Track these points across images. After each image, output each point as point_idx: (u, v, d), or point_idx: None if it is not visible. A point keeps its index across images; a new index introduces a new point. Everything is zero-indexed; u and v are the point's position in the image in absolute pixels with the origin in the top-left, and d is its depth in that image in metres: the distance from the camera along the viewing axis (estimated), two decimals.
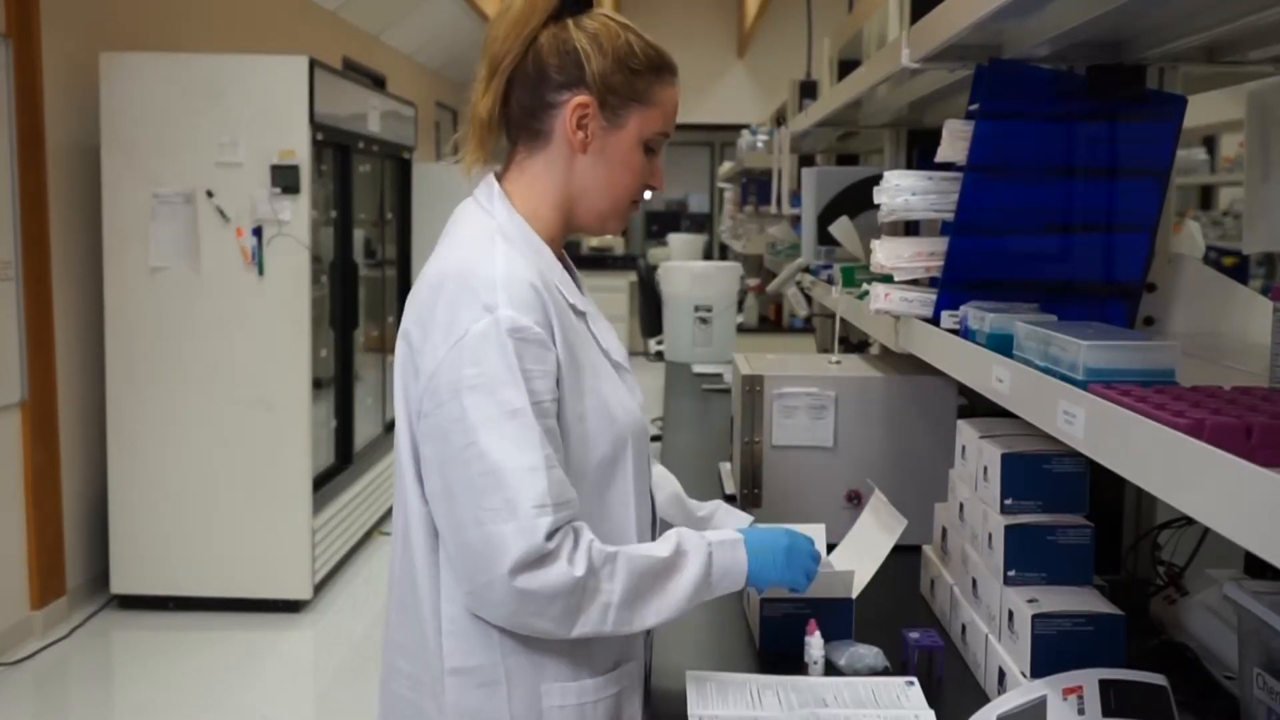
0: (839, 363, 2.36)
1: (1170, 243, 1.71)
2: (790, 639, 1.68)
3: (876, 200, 1.73)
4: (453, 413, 1.35)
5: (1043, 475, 1.57)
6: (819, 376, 2.24)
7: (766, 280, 5.31)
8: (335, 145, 5.11)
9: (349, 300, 5.42)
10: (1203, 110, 1.88)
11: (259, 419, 4.64)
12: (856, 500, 2.19)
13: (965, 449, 1.74)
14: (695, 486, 1.88)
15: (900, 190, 1.67)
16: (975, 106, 1.58)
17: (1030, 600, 1.48)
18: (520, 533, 1.31)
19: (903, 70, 1.79)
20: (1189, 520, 1.51)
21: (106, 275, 4.59)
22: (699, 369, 4.46)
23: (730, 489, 2.46)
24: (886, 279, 1.78)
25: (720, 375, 4.24)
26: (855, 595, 1.72)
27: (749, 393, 2.23)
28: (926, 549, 1.97)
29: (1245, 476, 0.80)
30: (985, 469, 1.63)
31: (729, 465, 2.63)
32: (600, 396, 1.44)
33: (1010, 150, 1.58)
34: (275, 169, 4.53)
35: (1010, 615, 1.52)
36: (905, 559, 1.91)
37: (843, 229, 2.74)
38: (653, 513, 1.60)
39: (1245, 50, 1.63)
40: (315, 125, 4.61)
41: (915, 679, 1.59)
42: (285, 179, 4.53)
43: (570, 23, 1.45)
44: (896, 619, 1.79)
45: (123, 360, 4.61)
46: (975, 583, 1.67)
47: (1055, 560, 1.54)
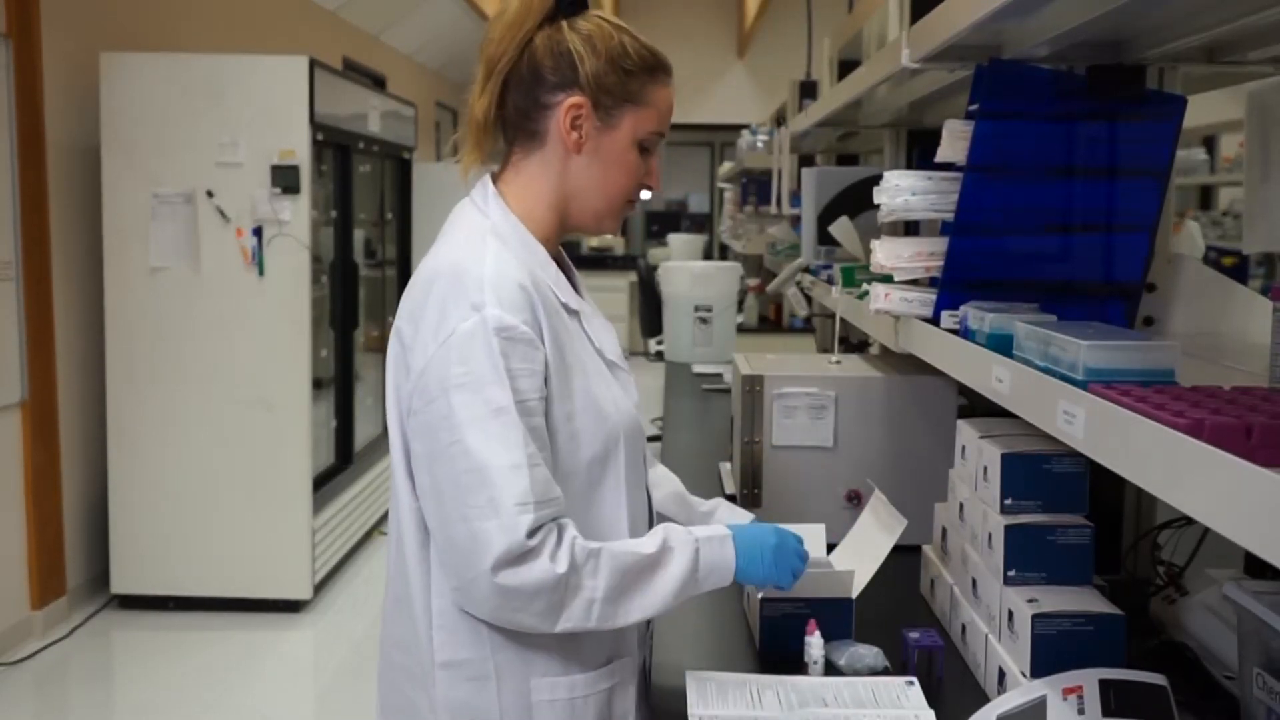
0: (839, 363, 2.36)
1: (1170, 243, 1.71)
2: (790, 639, 1.68)
3: (876, 200, 1.74)
4: (440, 410, 1.37)
5: (1043, 475, 1.57)
6: (819, 376, 2.24)
7: (766, 280, 5.31)
8: (335, 145, 5.11)
9: (349, 300, 5.42)
10: (1203, 110, 1.88)
11: (259, 419, 4.64)
12: (856, 500, 2.19)
13: (965, 449, 1.74)
14: (695, 486, 1.88)
15: (900, 190, 1.67)
16: (975, 106, 1.58)
17: (1030, 600, 1.49)
18: (502, 530, 1.33)
19: (903, 70, 1.79)
20: (1189, 520, 1.51)
21: (107, 275, 4.59)
22: (699, 369, 4.46)
23: (730, 489, 2.46)
24: (886, 279, 1.78)
25: (720, 375, 4.24)
26: (855, 595, 1.72)
27: (749, 393, 2.23)
28: (926, 549, 1.97)
29: (1245, 476, 0.80)
30: (985, 469, 1.63)
31: (729, 465, 2.63)
32: (592, 395, 1.45)
33: (1010, 150, 1.59)
34: (275, 169, 4.53)
35: (1010, 615, 1.52)
36: (905, 559, 1.91)
37: (843, 229, 2.74)
38: (649, 511, 1.60)
39: (1245, 50, 1.63)
40: (315, 125, 4.61)
41: (915, 679, 1.59)
42: (285, 179, 4.53)
43: (565, 25, 1.47)
44: (896, 619, 1.79)
45: (123, 360, 4.61)
46: (975, 583, 1.67)
47: (1055, 560, 1.54)
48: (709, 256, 11.28)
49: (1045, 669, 1.41)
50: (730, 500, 2.36)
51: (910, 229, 2.13)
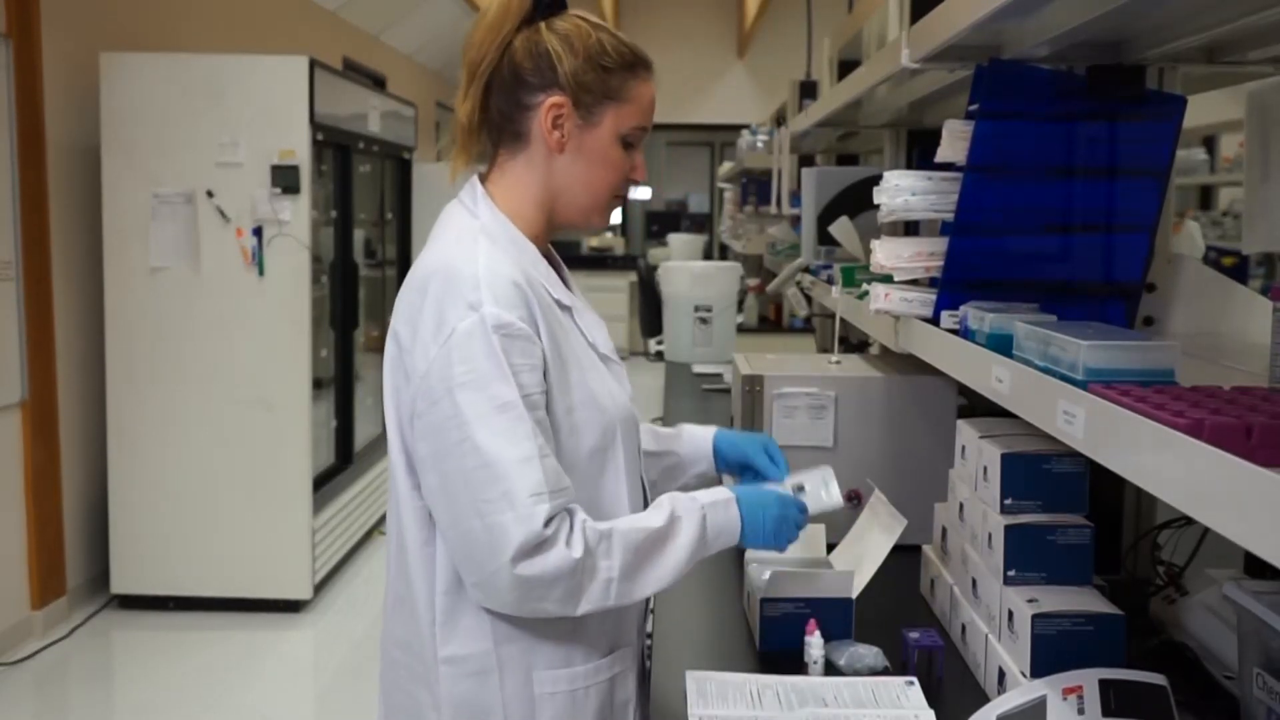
0: (839, 363, 2.36)
1: (1170, 243, 1.71)
2: (790, 639, 1.68)
3: (876, 200, 1.74)
4: (446, 410, 1.38)
5: (1042, 475, 1.57)
6: (819, 376, 2.24)
7: (766, 280, 5.31)
8: (335, 145, 5.11)
9: (349, 300, 5.42)
10: (1203, 110, 1.88)
11: (259, 419, 4.65)
12: (856, 500, 2.19)
13: (965, 449, 1.74)
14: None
15: (900, 190, 1.67)
16: (975, 107, 1.58)
17: (1030, 600, 1.49)
18: (519, 521, 1.35)
19: (903, 70, 1.79)
20: (1189, 520, 1.51)
21: (107, 275, 4.59)
22: (699, 369, 4.46)
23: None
24: (886, 279, 1.78)
25: (720, 375, 4.24)
26: (855, 595, 1.72)
27: (749, 393, 2.23)
28: (926, 549, 1.97)
29: (1245, 476, 0.80)
30: (985, 469, 1.63)
31: None
32: (588, 388, 1.48)
33: (1010, 150, 1.59)
34: (275, 169, 4.53)
35: (1010, 615, 1.52)
36: (905, 559, 1.91)
37: (843, 229, 2.74)
38: (645, 498, 1.62)
39: (1245, 50, 1.63)
40: (315, 125, 4.61)
41: (915, 679, 1.59)
42: (285, 179, 4.53)
43: (543, 26, 1.49)
44: (896, 619, 1.79)
45: (123, 360, 4.61)
46: (975, 583, 1.67)
47: (1055, 560, 1.55)
48: (709, 256, 11.27)
49: (1045, 669, 1.41)
50: None
51: (910, 229, 2.13)
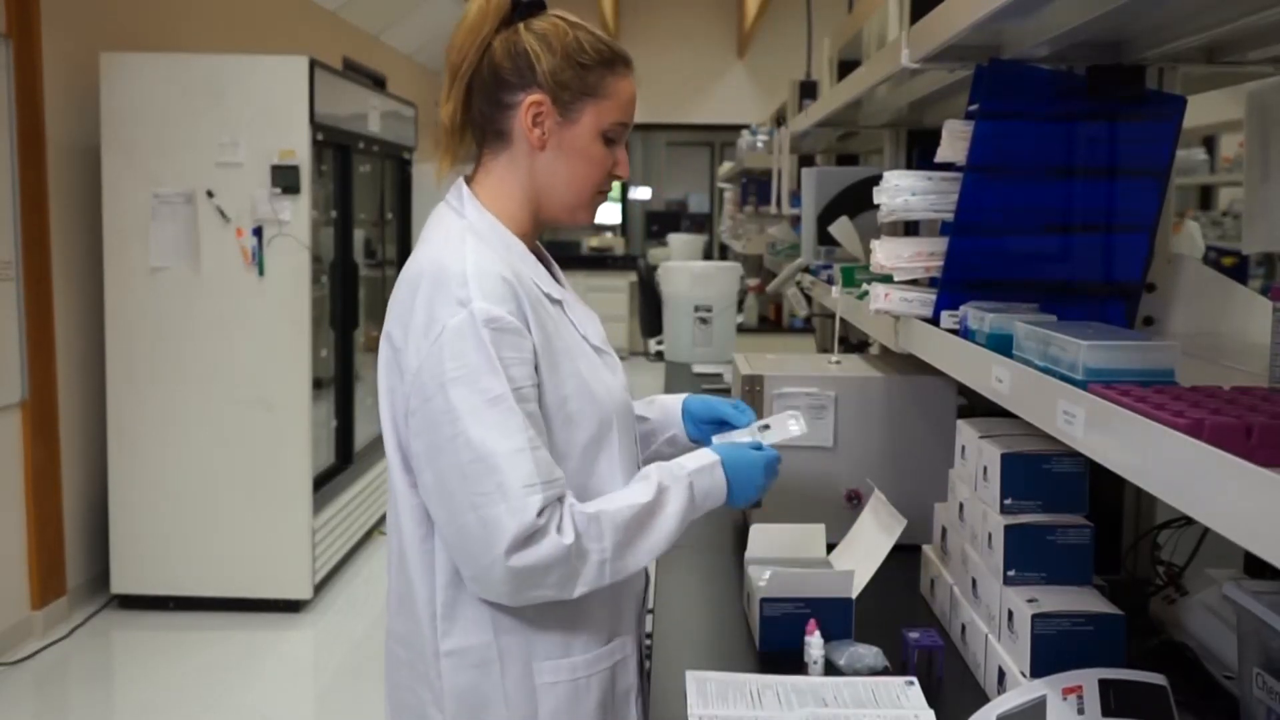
0: (839, 363, 2.36)
1: (1170, 243, 1.71)
2: (790, 639, 1.68)
3: (876, 200, 1.74)
4: (439, 406, 1.40)
5: (1042, 475, 1.57)
6: (819, 376, 2.24)
7: (766, 280, 5.31)
8: (335, 145, 5.11)
9: (349, 300, 5.43)
10: (1202, 110, 1.88)
11: (259, 419, 4.65)
12: (856, 500, 2.19)
13: (965, 449, 1.74)
14: None
15: (900, 190, 1.67)
16: (975, 107, 1.58)
17: (1030, 600, 1.49)
18: (512, 513, 1.37)
19: (903, 70, 1.79)
20: (1189, 520, 1.51)
21: (107, 275, 4.59)
22: (699, 369, 4.46)
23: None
24: (886, 279, 1.78)
25: (720, 375, 4.24)
26: (855, 595, 1.72)
27: (749, 393, 2.23)
28: (926, 549, 1.97)
29: (1245, 476, 0.80)
30: (985, 469, 1.63)
31: None
32: (581, 379, 1.50)
33: (1010, 150, 1.59)
34: (275, 169, 4.53)
35: (1010, 615, 1.52)
36: (905, 559, 1.91)
37: (842, 229, 2.74)
38: None
39: (1245, 50, 1.63)
40: (315, 125, 4.61)
41: (915, 679, 1.59)
42: (285, 179, 4.53)
43: (521, 26, 1.51)
44: (896, 619, 1.79)
45: (123, 360, 4.61)
46: (975, 582, 1.67)
47: (1055, 560, 1.55)
48: (709, 256, 11.27)
49: (1045, 669, 1.41)
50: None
51: (910, 229, 2.13)
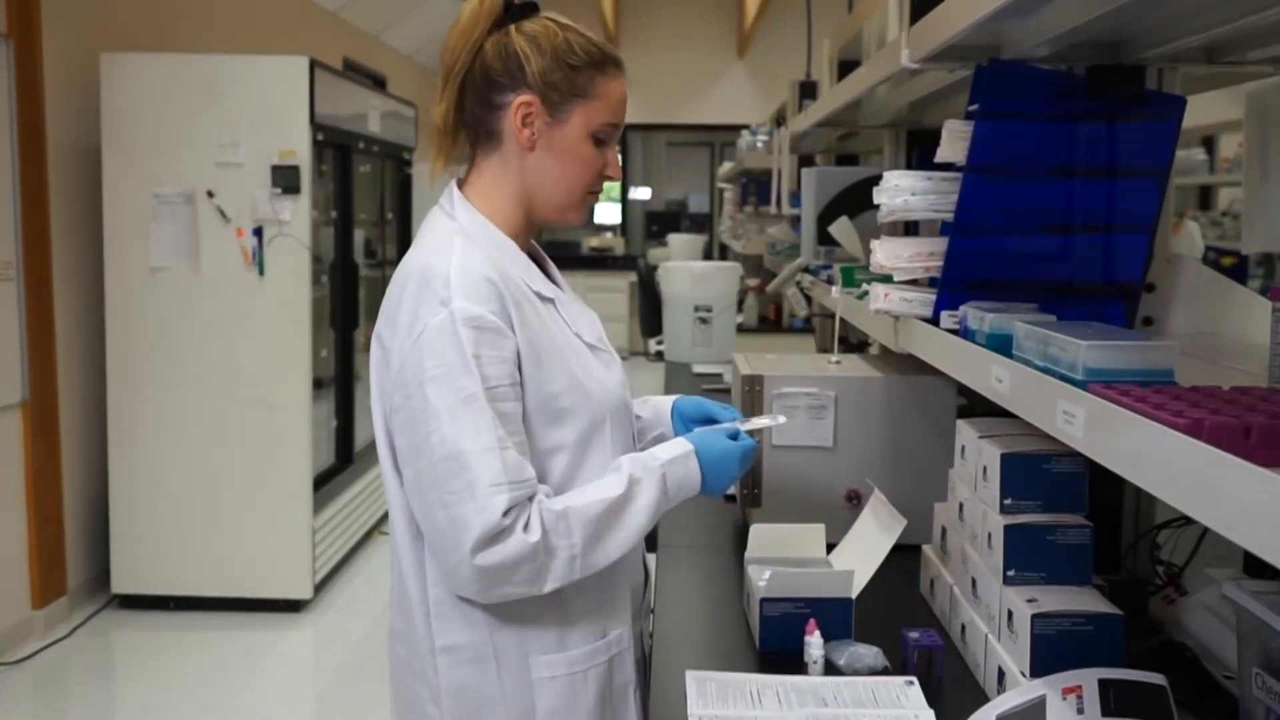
0: (839, 363, 2.36)
1: (1169, 243, 1.71)
2: (790, 639, 1.68)
3: (876, 200, 1.74)
4: (417, 404, 1.43)
5: (1042, 475, 1.57)
6: (819, 376, 2.24)
7: (766, 280, 5.31)
8: (335, 145, 5.11)
9: (349, 300, 5.43)
10: (1202, 110, 1.88)
11: (259, 419, 4.65)
12: (856, 500, 2.19)
13: (965, 449, 1.74)
14: None
15: (900, 190, 1.67)
16: (975, 107, 1.58)
17: (1030, 600, 1.49)
18: (479, 512, 1.38)
19: (902, 70, 1.79)
20: (1188, 520, 1.51)
21: (107, 275, 4.59)
22: (699, 369, 4.46)
23: (730, 489, 2.46)
24: (886, 279, 1.78)
25: (720, 375, 4.24)
26: (855, 595, 1.72)
27: (749, 393, 2.23)
28: (926, 549, 1.97)
29: (1244, 476, 0.80)
30: (985, 469, 1.63)
31: None
32: (572, 375, 1.51)
33: (1010, 150, 1.59)
34: (276, 169, 4.53)
35: (1010, 615, 1.52)
36: (905, 559, 1.91)
37: (842, 229, 2.74)
38: None
39: (1244, 50, 1.63)
40: (315, 125, 4.61)
41: (915, 679, 1.59)
42: (286, 179, 4.53)
43: (512, 28, 1.53)
44: (896, 619, 1.79)
45: (123, 360, 4.61)
46: (975, 582, 1.67)
47: (1055, 560, 1.55)
48: (709, 256, 11.27)
49: (1045, 669, 1.41)
50: (729, 500, 2.38)
51: (910, 229, 2.14)
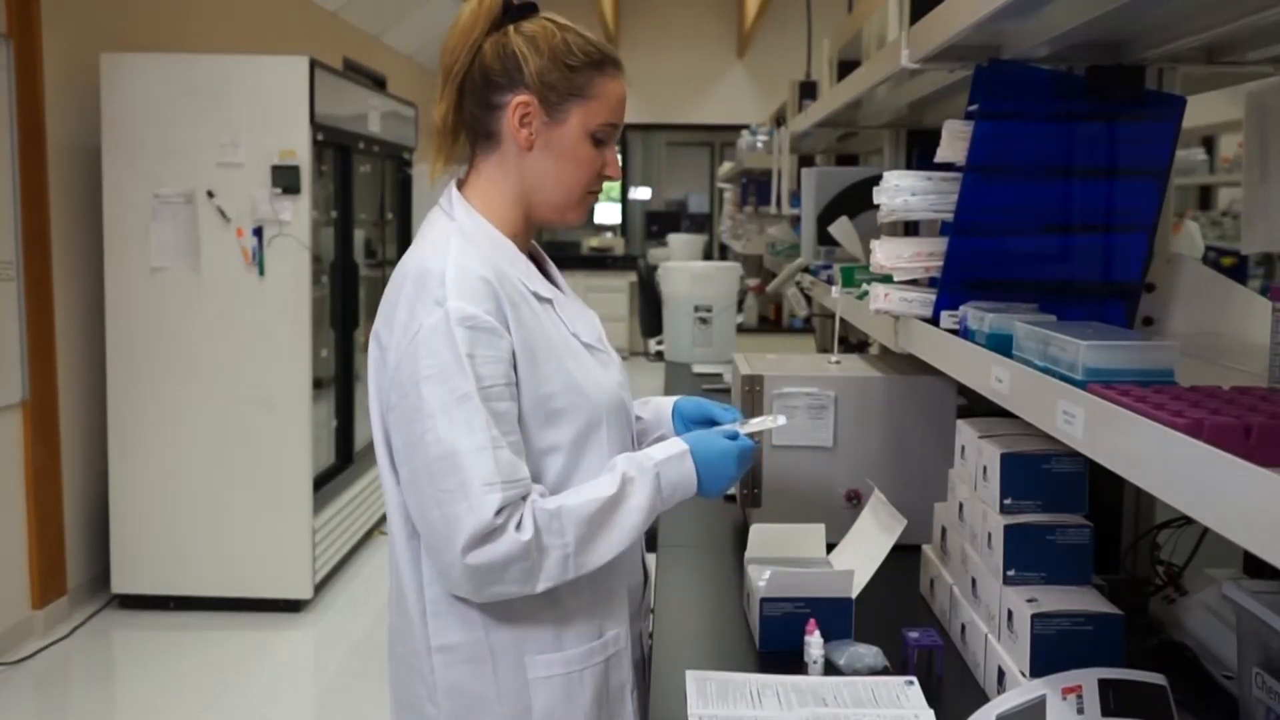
0: (839, 363, 2.36)
1: (1169, 243, 1.71)
2: (790, 639, 1.68)
3: (876, 200, 1.74)
4: (412, 403, 1.43)
5: (1042, 475, 1.57)
6: (819, 376, 2.24)
7: (766, 280, 5.31)
8: (336, 145, 5.11)
9: (349, 300, 5.43)
10: (1202, 110, 1.88)
11: (260, 419, 4.65)
12: (856, 500, 2.19)
13: (965, 449, 1.74)
14: None
15: (900, 190, 1.67)
16: (974, 107, 1.58)
17: (1029, 600, 1.49)
18: (471, 511, 1.38)
19: (902, 71, 1.79)
20: (1188, 520, 1.51)
21: (107, 275, 4.59)
22: (699, 369, 4.46)
23: (730, 490, 2.46)
24: (886, 279, 1.78)
25: (720, 375, 4.24)
26: (855, 595, 1.72)
27: (749, 393, 2.23)
28: (926, 549, 1.97)
29: (1244, 476, 0.80)
30: (985, 469, 1.63)
31: None
32: (569, 375, 1.51)
33: (1009, 150, 1.59)
34: (276, 169, 4.53)
35: (1009, 615, 1.52)
36: (905, 559, 1.91)
37: (842, 229, 2.74)
38: None
39: (1244, 51, 1.63)
40: (316, 126, 4.61)
41: (915, 678, 1.59)
42: (286, 179, 4.53)
43: (511, 29, 1.53)
44: (896, 619, 1.79)
45: (123, 360, 4.61)
46: (975, 582, 1.67)
47: (1054, 560, 1.55)
48: (709, 256, 11.27)
49: (1044, 668, 1.41)
50: (729, 500, 2.38)
51: (910, 229, 2.14)
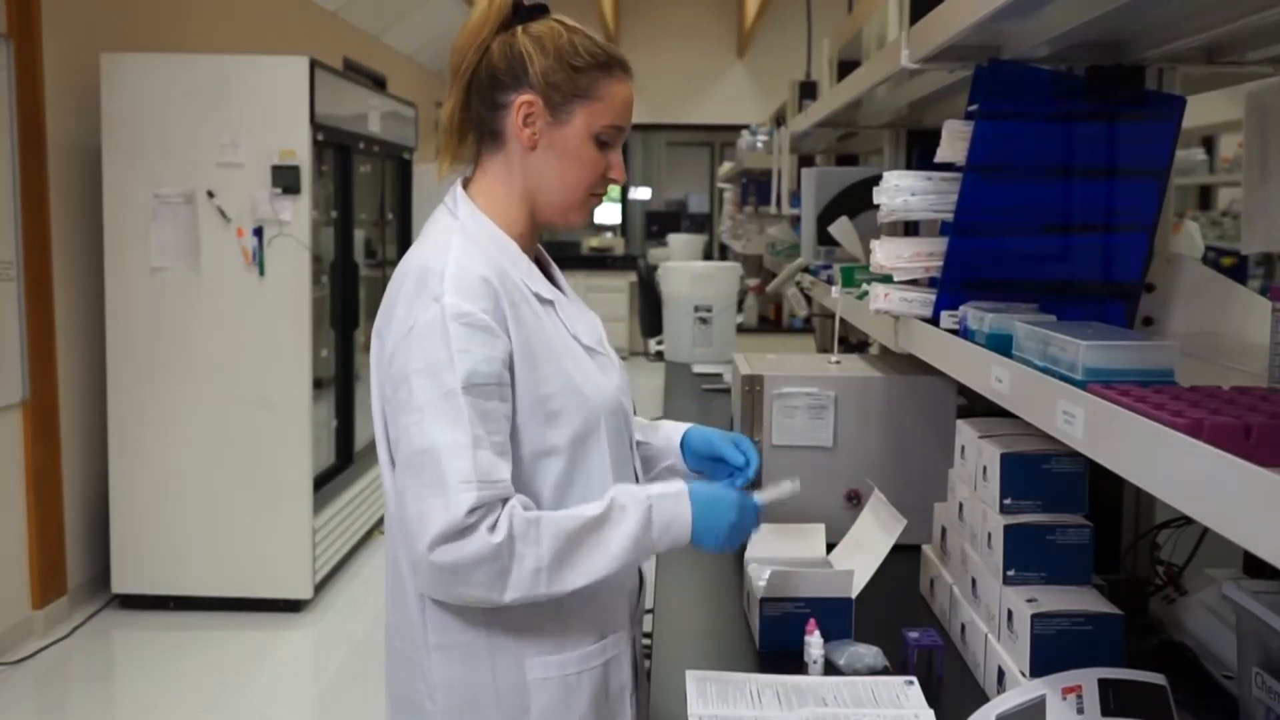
0: (839, 363, 2.36)
1: (1169, 243, 1.71)
2: (790, 639, 1.68)
3: (876, 200, 1.74)
4: (403, 396, 1.44)
5: (1042, 475, 1.57)
6: (819, 376, 2.24)
7: (766, 280, 5.31)
8: (336, 145, 5.11)
9: (349, 300, 5.43)
10: (1202, 110, 1.88)
11: (260, 419, 4.65)
12: (856, 500, 2.19)
13: (965, 449, 1.74)
14: None
15: (900, 190, 1.67)
16: (974, 107, 1.59)
17: (1029, 600, 1.49)
18: (445, 508, 1.38)
19: (902, 71, 1.80)
20: (1188, 520, 1.51)
21: (107, 275, 4.59)
22: (699, 369, 4.46)
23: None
24: (886, 279, 1.78)
25: (720, 375, 4.24)
26: (855, 595, 1.72)
27: (749, 393, 2.23)
28: (926, 549, 1.97)
29: (1244, 476, 0.80)
30: (985, 469, 1.63)
31: None
32: (567, 377, 1.50)
33: (1009, 150, 1.59)
34: (276, 169, 4.53)
35: (1009, 615, 1.52)
36: (905, 559, 1.91)
37: (842, 229, 2.74)
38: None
39: (1244, 51, 1.63)
40: (316, 126, 4.61)
41: (915, 678, 1.59)
42: (286, 179, 4.53)
43: (519, 29, 1.54)
44: (896, 619, 1.79)
45: (124, 360, 4.61)
46: (975, 582, 1.67)
47: (1054, 560, 1.55)
48: (709, 256, 11.28)
49: (1044, 668, 1.41)
50: None
51: (910, 229, 2.14)
